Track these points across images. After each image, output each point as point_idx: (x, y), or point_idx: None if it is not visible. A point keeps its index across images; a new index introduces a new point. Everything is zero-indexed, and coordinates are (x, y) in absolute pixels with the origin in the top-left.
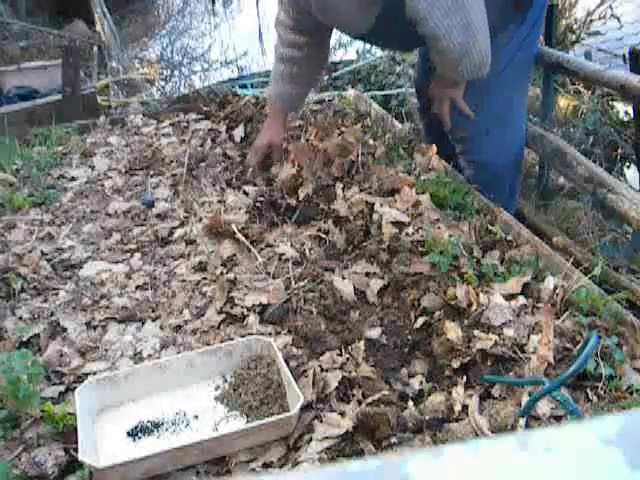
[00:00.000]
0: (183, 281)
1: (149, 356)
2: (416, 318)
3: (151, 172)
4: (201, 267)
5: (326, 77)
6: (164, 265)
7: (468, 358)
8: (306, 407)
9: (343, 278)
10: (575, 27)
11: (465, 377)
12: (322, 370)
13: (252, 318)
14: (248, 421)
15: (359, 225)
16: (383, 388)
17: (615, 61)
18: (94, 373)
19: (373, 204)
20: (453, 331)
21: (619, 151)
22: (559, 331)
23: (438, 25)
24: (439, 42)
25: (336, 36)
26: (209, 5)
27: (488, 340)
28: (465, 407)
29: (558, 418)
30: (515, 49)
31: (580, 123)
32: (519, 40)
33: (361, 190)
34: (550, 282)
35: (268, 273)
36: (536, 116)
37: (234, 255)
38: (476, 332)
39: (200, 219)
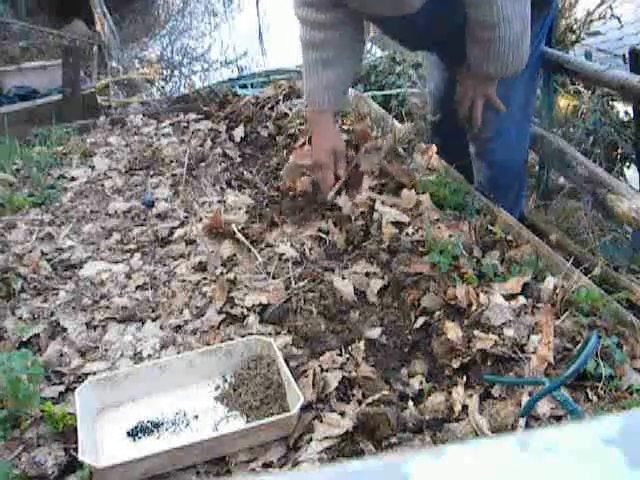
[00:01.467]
0: (183, 281)
1: (149, 356)
2: (416, 318)
3: (151, 172)
4: (201, 267)
5: None
6: (164, 265)
7: (468, 358)
8: (306, 407)
9: (343, 278)
10: (575, 27)
11: (465, 377)
12: (322, 370)
13: (252, 318)
14: (248, 421)
15: (359, 225)
16: (383, 388)
17: (615, 61)
18: (94, 373)
19: (374, 202)
20: (453, 331)
21: (619, 151)
22: (559, 331)
23: (503, 8)
24: (496, 29)
25: None
26: (209, 5)
27: (488, 340)
28: (465, 407)
29: (558, 418)
30: (533, 48)
31: (580, 123)
32: (535, 39)
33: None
34: (550, 282)
35: (268, 273)
36: (536, 116)
37: (234, 255)
38: (476, 332)
39: (200, 219)
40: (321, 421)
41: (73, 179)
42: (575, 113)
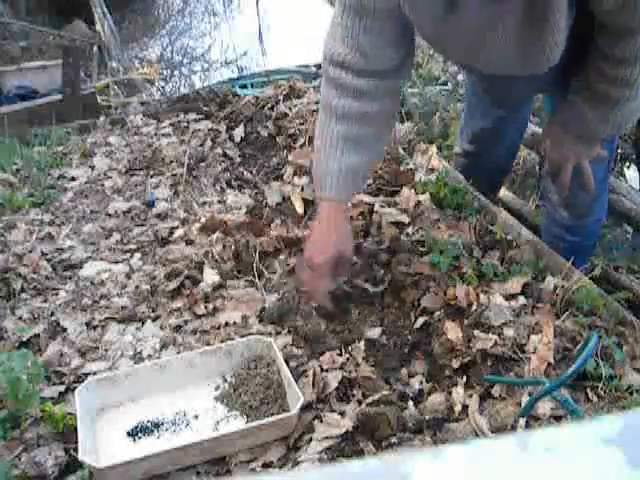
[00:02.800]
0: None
1: (149, 356)
2: (416, 318)
3: (151, 172)
4: (200, 267)
5: None
6: (164, 265)
7: (468, 358)
8: (306, 407)
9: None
10: None
11: (465, 377)
12: (322, 370)
13: (252, 318)
14: (248, 421)
15: (359, 225)
16: (383, 388)
17: None
18: (94, 373)
19: (373, 203)
20: (453, 331)
21: (619, 151)
22: (559, 331)
23: None
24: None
25: None
26: (209, 5)
27: (488, 340)
28: (465, 407)
29: (558, 418)
30: None
31: None
32: None
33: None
34: (550, 282)
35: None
36: (536, 116)
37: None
38: (476, 332)
39: (200, 219)
40: (321, 421)
41: (73, 179)
42: None
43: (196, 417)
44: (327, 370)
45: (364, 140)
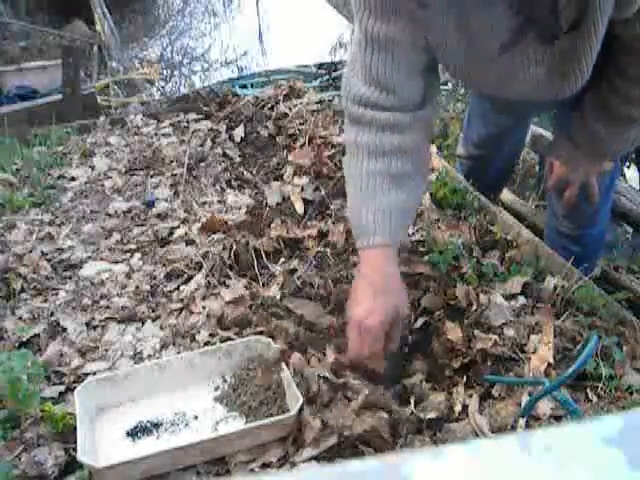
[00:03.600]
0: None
1: (149, 356)
2: (416, 318)
3: (151, 172)
4: (199, 267)
5: (326, 77)
6: (164, 265)
7: (468, 358)
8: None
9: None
10: None
11: (465, 377)
12: (320, 377)
13: (252, 318)
14: (247, 421)
15: None
16: (383, 388)
17: None
18: (94, 373)
19: None
20: (453, 331)
21: None
22: (559, 331)
23: None
24: None
25: (334, 37)
26: (209, 5)
27: (488, 340)
28: (465, 407)
29: (558, 418)
30: None
31: None
32: None
33: None
34: (550, 282)
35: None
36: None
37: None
38: (476, 332)
39: (200, 219)
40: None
41: (73, 179)
42: None
43: (196, 417)
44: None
45: (403, 175)
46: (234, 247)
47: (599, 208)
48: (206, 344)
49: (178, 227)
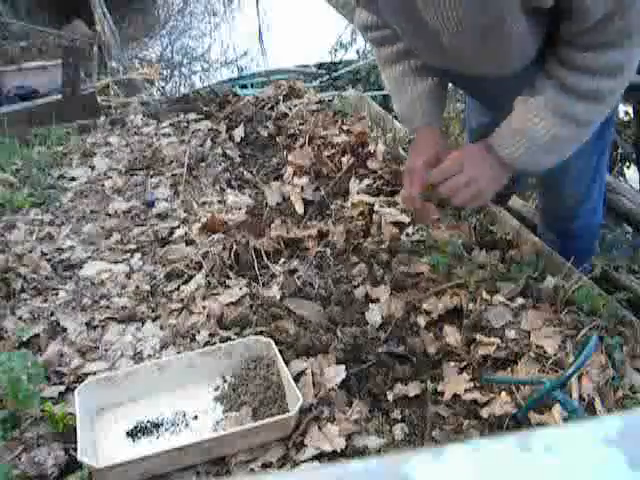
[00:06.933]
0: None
1: (149, 356)
2: (416, 318)
3: (151, 172)
4: (199, 266)
5: (326, 77)
6: (164, 265)
7: (468, 358)
8: (306, 408)
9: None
10: None
11: (465, 377)
12: (322, 370)
13: (251, 318)
14: (247, 422)
15: (359, 225)
16: (382, 388)
17: None
18: (94, 373)
19: (373, 203)
20: (453, 332)
21: (619, 151)
22: (559, 330)
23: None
24: (613, 79)
25: (334, 37)
26: (209, 5)
27: (490, 345)
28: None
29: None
30: None
31: None
32: None
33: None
34: (550, 282)
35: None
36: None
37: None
38: (476, 333)
39: (200, 219)
40: (319, 428)
41: (73, 179)
42: None
43: (196, 417)
44: (325, 371)
45: (421, 67)
46: (234, 247)
47: (580, 201)
48: (206, 344)
49: (178, 227)
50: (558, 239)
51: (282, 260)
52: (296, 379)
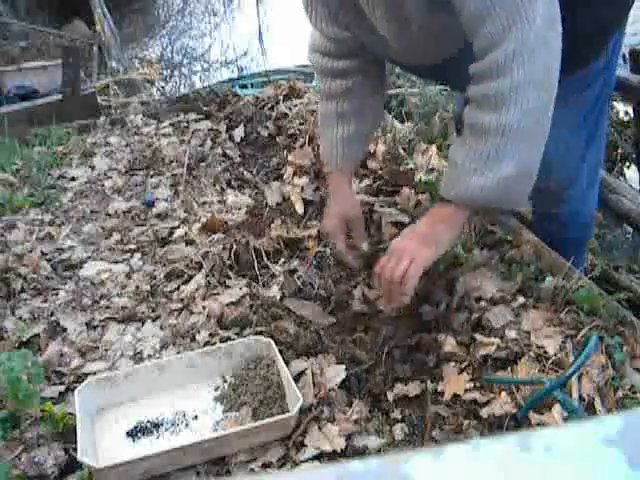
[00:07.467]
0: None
1: (149, 356)
2: (414, 331)
3: (151, 172)
4: (199, 266)
5: None
6: (164, 265)
7: (468, 358)
8: (306, 408)
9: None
10: None
11: (465, 377)
12: (321, 371)
13: (251, 318)
14: (247, 422)
15: None
16: (382, 389)
17: None
18: (94, 373)
19: (373, 203)
20: (453, 332)
21: (619, 151)
22: (559, 330)
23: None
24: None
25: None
26: (209, 5)
27: (490, 345)
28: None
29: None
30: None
31: None
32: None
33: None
34: (550, 282)
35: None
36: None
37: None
38: (476, 333)
39: (200, 219)
40: (319, 428)
41: (73, 179)
42: None
43: (195, 417)
44: (325, 371)
45: (351, 114)
46: (234, 247)
47: (565, 187)
48: (206, 344)
49: (178, 227)
50: (544, 223)
51: (282, 260)
52: (296, 379)
